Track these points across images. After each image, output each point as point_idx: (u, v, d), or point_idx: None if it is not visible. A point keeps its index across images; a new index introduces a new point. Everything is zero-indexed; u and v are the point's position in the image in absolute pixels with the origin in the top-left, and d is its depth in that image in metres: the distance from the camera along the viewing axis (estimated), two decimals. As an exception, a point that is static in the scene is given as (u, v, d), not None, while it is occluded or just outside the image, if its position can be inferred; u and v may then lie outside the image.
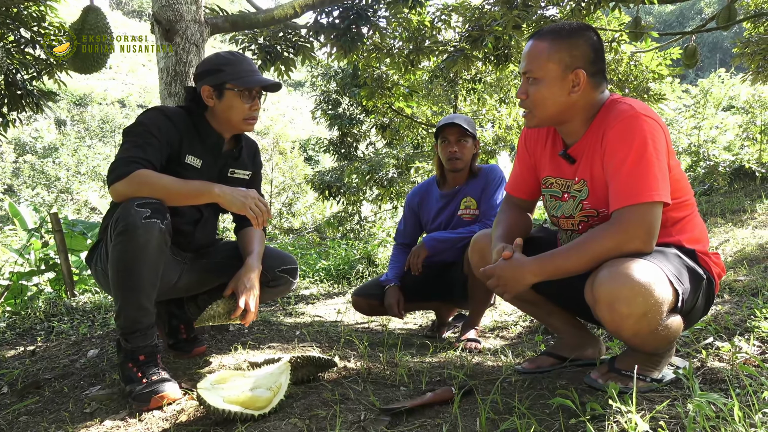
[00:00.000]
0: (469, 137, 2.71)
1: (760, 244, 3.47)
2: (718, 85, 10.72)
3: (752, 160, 7.52)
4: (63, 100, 32.48)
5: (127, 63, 50.22)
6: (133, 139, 1.79)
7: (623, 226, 1.39)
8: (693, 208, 1.56)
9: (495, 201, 2.68)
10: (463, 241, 2.62)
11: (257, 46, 4.66)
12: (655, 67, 9.10)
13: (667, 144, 1.44)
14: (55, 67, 4.27)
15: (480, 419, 1.31)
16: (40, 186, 20.40)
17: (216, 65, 1.93)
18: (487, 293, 2.58)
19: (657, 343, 1.41)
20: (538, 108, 1.55)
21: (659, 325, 1.33)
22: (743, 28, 8.66)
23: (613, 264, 1.34)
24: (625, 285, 1.29)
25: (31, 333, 2.97)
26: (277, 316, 3.26)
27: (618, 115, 1.46)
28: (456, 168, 2.73)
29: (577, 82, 1.50)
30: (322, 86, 13.48)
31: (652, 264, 1.33)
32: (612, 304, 1.32)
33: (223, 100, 1.92)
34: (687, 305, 1.40)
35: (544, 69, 1.51)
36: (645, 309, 1.29)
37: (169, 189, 1.73)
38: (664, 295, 1.31)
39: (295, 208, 17.96)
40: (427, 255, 2.71)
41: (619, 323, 1.33)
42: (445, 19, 5.31)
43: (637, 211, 1.38)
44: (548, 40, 1.52)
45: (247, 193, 1.81)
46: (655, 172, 1.39)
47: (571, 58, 1.50)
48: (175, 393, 1.66)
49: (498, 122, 10.60)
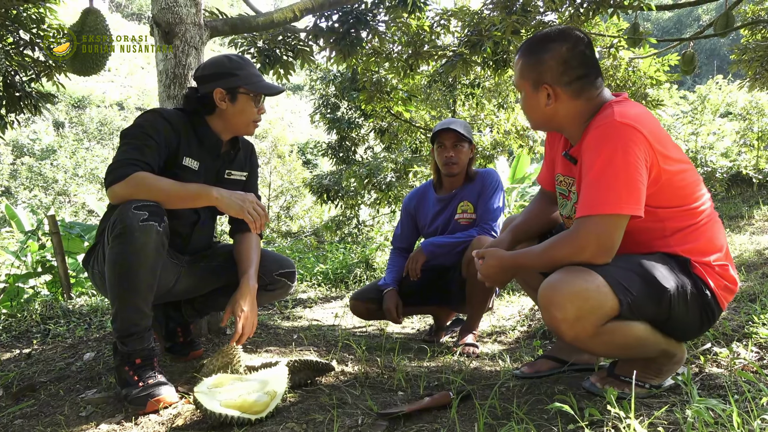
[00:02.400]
0: (465, 142, 2.72)
1: (758, 250, 3.47)
2: (715, 92, 10.76)
3: (749, 167, 7.55)
4: (61, 102, 32.43)
5: (126, 65, 50.22)
6: (131, 141, 1.78)
7: (577, 236, 1.40)
8: (701, 217, 1.47)
9: (492, 205, 2.69)
10: (460, 245, 2.62)
11: (256, 50, 4.66)
12: (653, 73, 9.13)
13: (652, 152, 1.38)
14: (54, 69, 4.26)
15: (478, 424, 1.31)
16: (37, 188, 20.36)
17: (229, 69, 1.94)
18: (485, 297, 2.58)
19: (606, 348, 1.44)
20: (528, 116, 1.63)
21: (598, 331, 1.35)
22: (741, 35, 8.70)
23: (559, 271, 1.40)
24: (557, 291, 1.36)
25: (27, 336, 2.95)
26: (275, 320, 3.25)
27: (597, 121, 1.45)
28: (452, 173, 2.74)
29: (550, 95, 1.52)
30: (320, 90, 13.47)
31: (593, 273, 1.35)
32: (548, 309, 1.38)
33: (237, 104, 1.95)
34: (648, 314, 1.38)
35: (519, 85, 1.60)
36: (577, 314, 1.33)
37: (167, 192, 1.73)
38: (600, 302, 1.33)
39: (293, 212, 17.93)
40: (425, 260, 2.71)
41: (556, 327, 1.39)
42: (444, 23, 5.32)
43: (591, 222, 1.38)
44: (522, 57, 1.58)
45: (245, 196, 1.81)
46: (619, 183, 1.36)
47: (538, 74, 1.53)
48: (172, 397, 1.65)
49: (496, 127, 10.61)
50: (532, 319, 3.02)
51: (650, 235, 1.47)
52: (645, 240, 1.47)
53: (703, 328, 1.49)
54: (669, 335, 1.45)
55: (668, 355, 1.47)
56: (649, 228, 1.46)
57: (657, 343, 1.43)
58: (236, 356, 1.81)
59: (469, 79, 9.40)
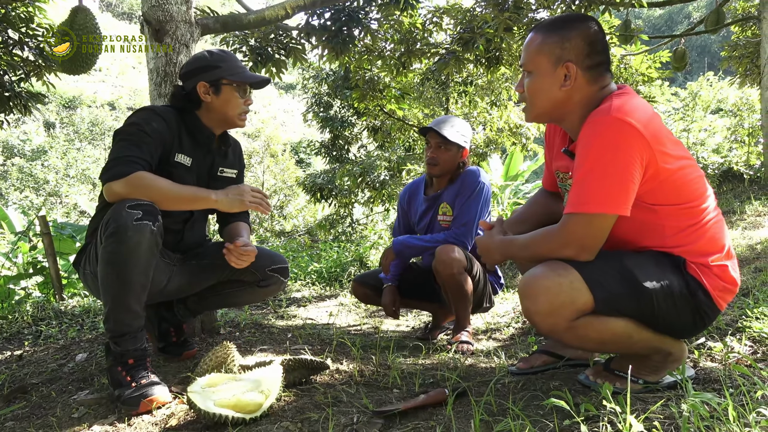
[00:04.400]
0: (452, 145, 2.65)
1: (750, 245, 3.49)
2: (706, 88, 10.82)
3: (740, 163, 7.59)
4: (52, 102, 32.21)
5: (117, 65, 49.89)
6: (127, 137, 1.77)
7: (560, 232, 1.40)
8: (703, 216, 1.42)
9: (466, 209, 2.60)
10: (428, 250, 2.63)
11: (248, 48, 4.64)
12: (645, 70, 9.18)
13: (649, 149, 1.33)
14: (44, 69, 4.23)
15: (474, 421, 1.31)
16: (28, 189, 20.19)
17: (211, 62, 1.95)
18: (460, 298, 2.52)
19: (581, 342, 1.45)
20: (532, 102, 1.53)
21: (571, 325, 1.37)
22: (731, 31, 8.76)
23: (539, 265, 1.42)
24: (532, 285, 1.39)
25: (18, 337, 2.92)
26: (269, 319, 3.24)
27: (593, 115, 1.39)
28: (432, 173, 2.73)
29: (568, 76, 1.45)
30: (313, 88, 13.44)
31: (570, 268, 1.36)
32: (523, 300, 1.41)
33: (221, 96, 1.95)
34: (627, 310, 1.38)
35: (534, 62, 1.49)
36: (549, 308, 1.35)
37: (166, 193, 1.73)
38: (572, 297, 1.34)
39: (286, 211, 17.89)
40: (393, 258, 2.70)
41: (530, 318, 1.41)
42: (437, 21, 5.31)
43: (576, 221, 1.37)
44: (541, 33, 1.49)
45: (240, 189, 1.86)
46: (607, 182, 1.33)
47: (562, 50, 1.45)
48: (165, 396, 1.64)
49: (489, 125, 10.63)
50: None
51: (648, 233, 1.44)
52: (640, 237, 1.45)
53: (698, 328, 1.46)
54: (663, 333, 1.44)
55: (662, 352, 1.45)
56: (646, 225, 1.43)
57: (644, 339, 1.42)
58: (230, 355, 1.80)
59: (462, 76, 9.40)
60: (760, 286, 2.32)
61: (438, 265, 2.45)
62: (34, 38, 4.02)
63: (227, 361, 1.78)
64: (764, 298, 2.11)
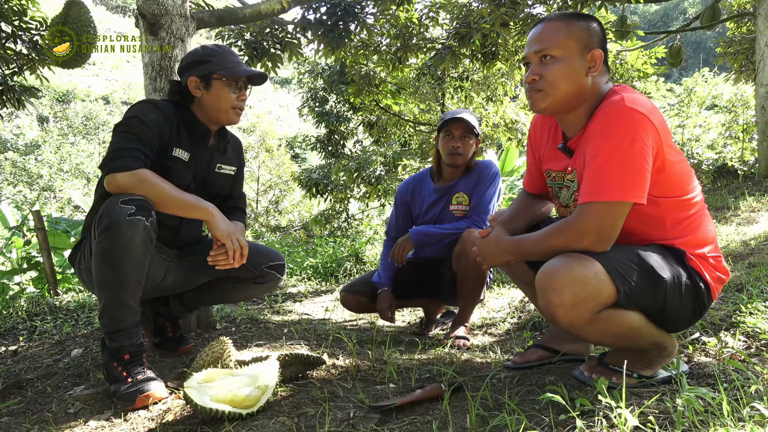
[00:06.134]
0: (473, 134, 2.70)
1: (744, 240, 3.51)
2: (701, 84, 10.83)
3: (735, 159, 7.62)
4: (45, 96, 31.96)
5: (111, 59, 49.53)
6: (130, 130, 1.77)
7: (578, 223, 1.39)
8: (698, 207, 1.48)
9: (486, 198, 2.66)
10: (449, 237, 2.61)
11: (244, 42, 4.62)
12: (641, 66, 9.19)
13: (659, 140, 1.38)
14: (38, 62, 4.19)
15: (470, 416, 1.31)
16: (22, 184, 20.06)
17: (202, 57, 1.93)
18: (477, 290, 2.57)
19: (600, 336, 1.43)
20: (553, 88, 1.48)
21: (594, 318, 1.35)
22: (726, 27, 8.77)
23: (558, 257, 1.39)
24: (555, 277, 1.34)
25: (13, 333, 2.91)
26: (265, 314, 3.24)
27: (605, 107, 1.41)
28: (456, 163, 2.71)
29: (593, 63, 1.47)
30: (309, 83, 13.39)
31: (592, 260, 1.35)
32: (545, 294, 1.36)
33: (211, 91, 1.93)
34: (643, 304, 1.38)
35: (563, 46, 1.46)
36: (574, 301, 1.32)
37: (166, 196, 1.73)
38: (598, 289, 1.32)
39: (282, 206, 17.84)
40: (411, 249, 2.70)
41: (552, 312, 1.37)
42: (433, 16, 5.30)
43: (593, 209, 1.37)
44: (563, 21, 1.49)
45: (236, 227, 1.88)
46: (626, 170, 1.34)
47: (589, 37, 1.47)
48: (161, 392, 1.64)
49: (485, 120, 10.62)
50: (522, 311, 3.04)
51: (649, 226, 1.47)
52: (644, 230, 1.47)
53: (695, 319, 1.50)
54: (661, 326, 1.46)
55: (660, 347, 1.47)
56: (650, 218, 1.45)
57: (650, 334, 1.44)
58: (226, 351, 1.80)
59: (458, 72, 9.39)
60: (754, 281, 2.34)
61: (468, 247, 2.43)
62: (27, 31, 3.99)
63: (223, 357, 1.78)
64: (758, 293, 2.13)
